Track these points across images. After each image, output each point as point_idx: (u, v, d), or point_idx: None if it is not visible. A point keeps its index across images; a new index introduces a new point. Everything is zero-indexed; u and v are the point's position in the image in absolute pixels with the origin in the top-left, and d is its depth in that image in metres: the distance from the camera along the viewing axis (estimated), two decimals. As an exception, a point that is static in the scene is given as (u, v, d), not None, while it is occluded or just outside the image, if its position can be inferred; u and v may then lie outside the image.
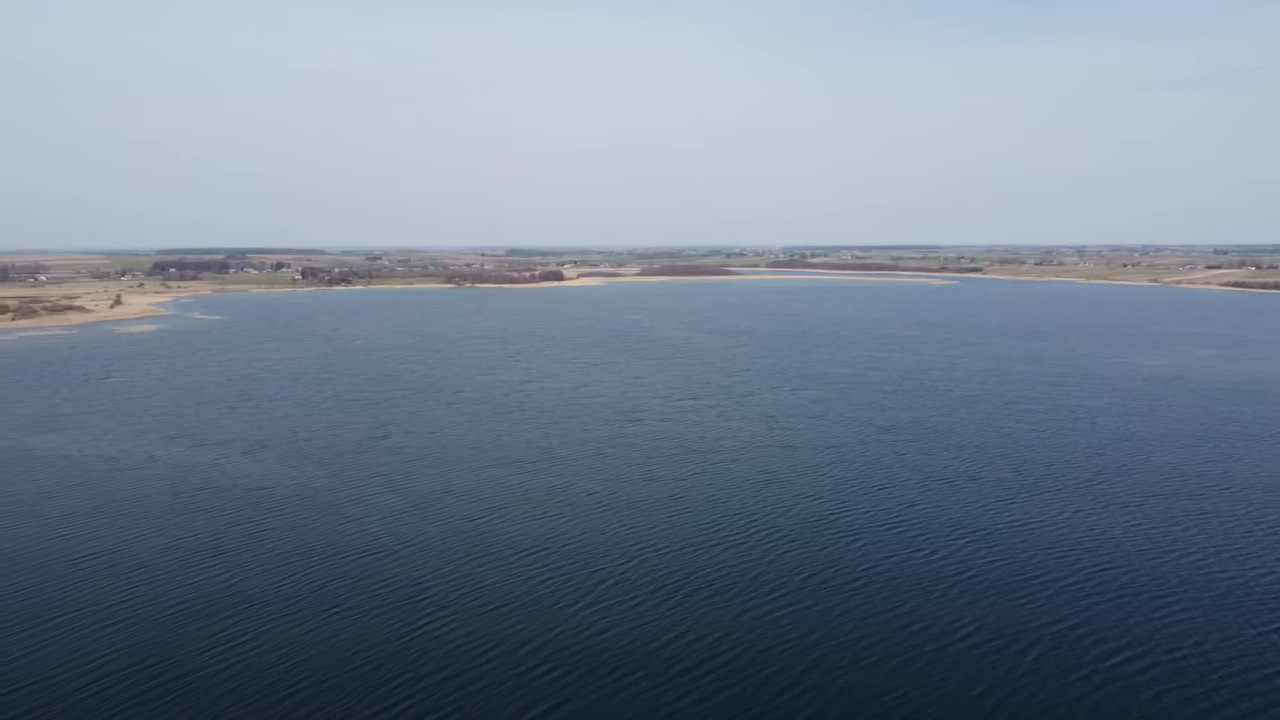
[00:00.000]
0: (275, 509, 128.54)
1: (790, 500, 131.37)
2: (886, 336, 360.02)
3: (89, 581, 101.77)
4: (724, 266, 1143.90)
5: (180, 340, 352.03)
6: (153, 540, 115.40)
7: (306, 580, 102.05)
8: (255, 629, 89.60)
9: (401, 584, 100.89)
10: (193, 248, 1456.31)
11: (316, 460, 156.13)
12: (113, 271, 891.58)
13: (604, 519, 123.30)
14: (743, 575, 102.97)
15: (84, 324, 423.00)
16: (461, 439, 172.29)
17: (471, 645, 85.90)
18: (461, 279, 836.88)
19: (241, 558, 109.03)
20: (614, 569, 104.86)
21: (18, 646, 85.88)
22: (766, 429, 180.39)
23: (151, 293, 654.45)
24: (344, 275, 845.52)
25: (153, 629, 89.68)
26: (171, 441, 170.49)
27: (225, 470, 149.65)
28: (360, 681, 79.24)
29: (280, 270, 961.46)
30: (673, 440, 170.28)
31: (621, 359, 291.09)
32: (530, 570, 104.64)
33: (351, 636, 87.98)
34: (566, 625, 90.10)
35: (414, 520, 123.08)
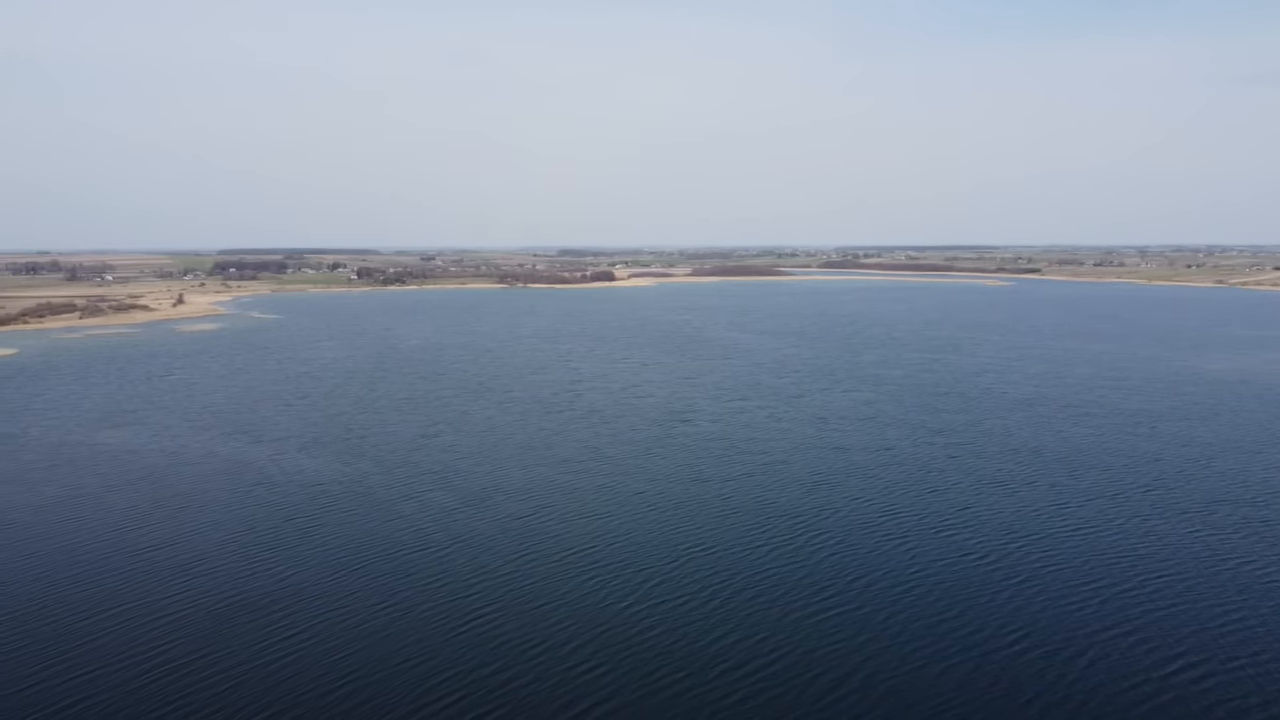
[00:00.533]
0: (329, 505, 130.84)
1: (840, 502, 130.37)
2: (940, 338, 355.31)
3: (149, 573, 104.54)
4: (775, 267, 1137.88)
5: (239, 339, 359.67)
6: (211, 534, 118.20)
7: (359, 575, 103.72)
8: (308, 622, 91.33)
9: (451, 580, 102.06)
10: (252, 248, 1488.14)
11: (370, 457, 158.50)
12: (175, 271, 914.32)
13: (652, 519, 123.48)
14: (789, 577, 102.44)
15: (147, 322, 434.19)
16: (512, 438, 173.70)
17: (518, 642, 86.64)
18: (513, 279, 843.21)
19: (296, 552, 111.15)
20: (661, 568, 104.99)
21: (83, 633, 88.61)
22: (817, 431, 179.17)
23: (212, 292, 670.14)
24: (398, 275, 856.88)
25: (210, 620, 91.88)
26: (230, 438, 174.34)
27: (282, 466, 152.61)
28: (409, 676, 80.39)
29: (336, 270, 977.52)
30: (722, 441, 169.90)
31: (671, 359, 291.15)
32: (578, 568, 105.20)
33: (401, 631, 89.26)
34: (612, 624, 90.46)
35: (464, 518, 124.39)
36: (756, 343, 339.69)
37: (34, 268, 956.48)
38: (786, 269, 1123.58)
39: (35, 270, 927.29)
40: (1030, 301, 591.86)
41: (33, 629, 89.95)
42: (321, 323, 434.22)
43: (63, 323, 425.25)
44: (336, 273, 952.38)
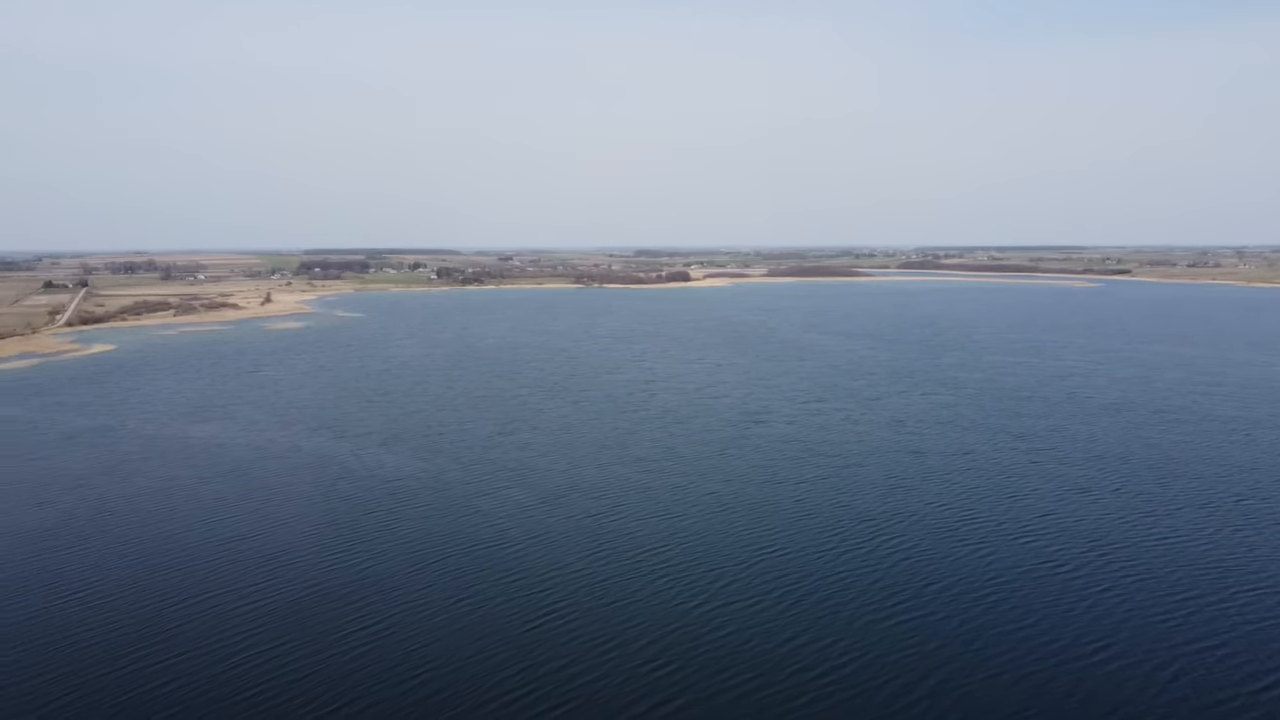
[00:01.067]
0: (408, 500, 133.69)
1: (916, 507, 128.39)
2: (1023, 340, 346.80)
3: (236, 562, 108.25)
4: (853, 268, 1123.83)
5: (323, 337, 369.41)
6: (295, 526, 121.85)
7: (436, 569, 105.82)
8: (386, 614, 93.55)
9: (526, 576, 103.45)
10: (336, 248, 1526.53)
11: (448, 454, 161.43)
12: (264, 271, 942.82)
13: (725, 520, 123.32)
14: (862, 581, 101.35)
15: (237, 320, 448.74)
16: (587, 436, 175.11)
17: (591, 640, 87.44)
18: (589, 279, 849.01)
19: (376, 546, 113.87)
20: (732, 570, 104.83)
21: (174, 619, 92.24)
22: (893, 434, 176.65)
23: (298, 291, 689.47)
24: (476, 275, 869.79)
25: (291, 609, 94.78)
26: (314, 433, 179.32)
27: (363, 461, 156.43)
28: (483, 670, 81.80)
29: (417, 270, 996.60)
30: (797, 443, 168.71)
31: (746, 360, 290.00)
32: (651, 568, 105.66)
33: (476, 626, 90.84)
34: (683, 624, 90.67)
35: (540, 515, 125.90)
36: (832, 344, 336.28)
37: (131, 267, 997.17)
38: (864, 269, 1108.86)
39: (132, 270, 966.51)
40: (1119, 303, 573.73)
41: (128, 613, 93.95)
42: (402, 321, 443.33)
43: (158, 320, 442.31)
44: (417, 272, 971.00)
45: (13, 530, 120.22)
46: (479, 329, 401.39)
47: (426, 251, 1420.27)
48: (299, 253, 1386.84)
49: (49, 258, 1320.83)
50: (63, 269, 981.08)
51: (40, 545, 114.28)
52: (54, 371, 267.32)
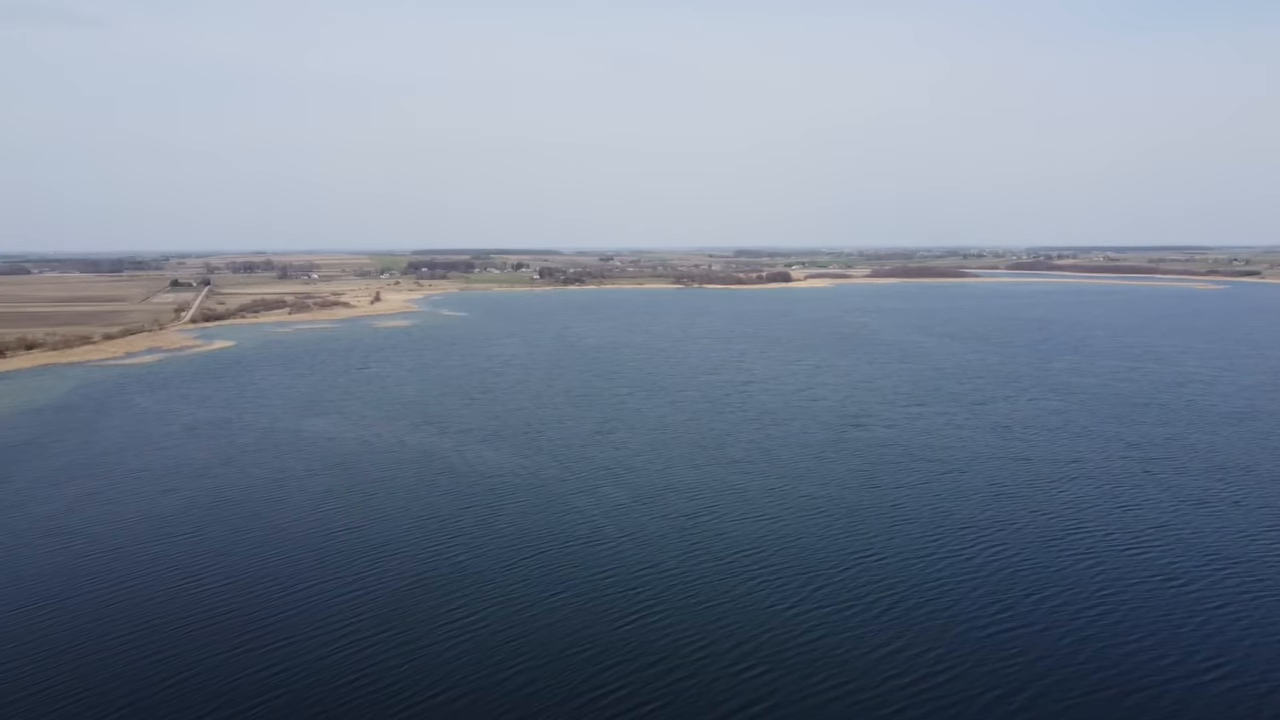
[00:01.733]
0: (507, 495, 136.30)
1: (1022, 515, 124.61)
2: (1140, 345, 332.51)
3: (342, 553, 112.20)
4: (960, 269, 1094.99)
5: (428, 335, 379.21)
6: (398, 518, 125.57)
7: (533, 565, 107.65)
8: (483, 607, 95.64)
9: (621, 574, 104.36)
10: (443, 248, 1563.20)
11: (547, 451, 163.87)
12: (373, 270, 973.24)
13: (821, 523, 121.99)
14: (962, 590, 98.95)
15: (348, 318, 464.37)
16: (683, 437, 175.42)
17: (681, 640, 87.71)
18: (689, 279, 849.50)
19: (475, 540, 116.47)
20: (829, 574, 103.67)
21: (281, 606, 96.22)
22: (999, 440, 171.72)
23: (406, 290, 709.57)
24: (578, 275, 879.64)
25: (392, 599, 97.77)
26: (418, 428, 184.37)
27: (464, 457, 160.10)
28: (577, 666, 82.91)
29: (520, 270, 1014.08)
30: (897, 447, 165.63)
31: (847, 362, 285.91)
32: (743, 570, 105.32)
33: (570, 622, 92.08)
34: (777, 627, 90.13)
35: (636, 514, 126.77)
36: (937, 347, 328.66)
37: (250, 266, 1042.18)
38: (972, 271, 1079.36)
39: (252, 269, 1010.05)
40: (1246, 307, 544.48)
41: (239, 599, 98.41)
42: (504, 321, 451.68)
43: (274, 318, 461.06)
44: (520, 272, 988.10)
45: (142, 515, 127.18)
46: (579, 328, 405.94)
47: (529, 252, 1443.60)
48: (407, 253, 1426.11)
49: (176, 257, 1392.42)
50: (188, 268, 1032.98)
51: (163, 530, 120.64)
52: (179, 366, 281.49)
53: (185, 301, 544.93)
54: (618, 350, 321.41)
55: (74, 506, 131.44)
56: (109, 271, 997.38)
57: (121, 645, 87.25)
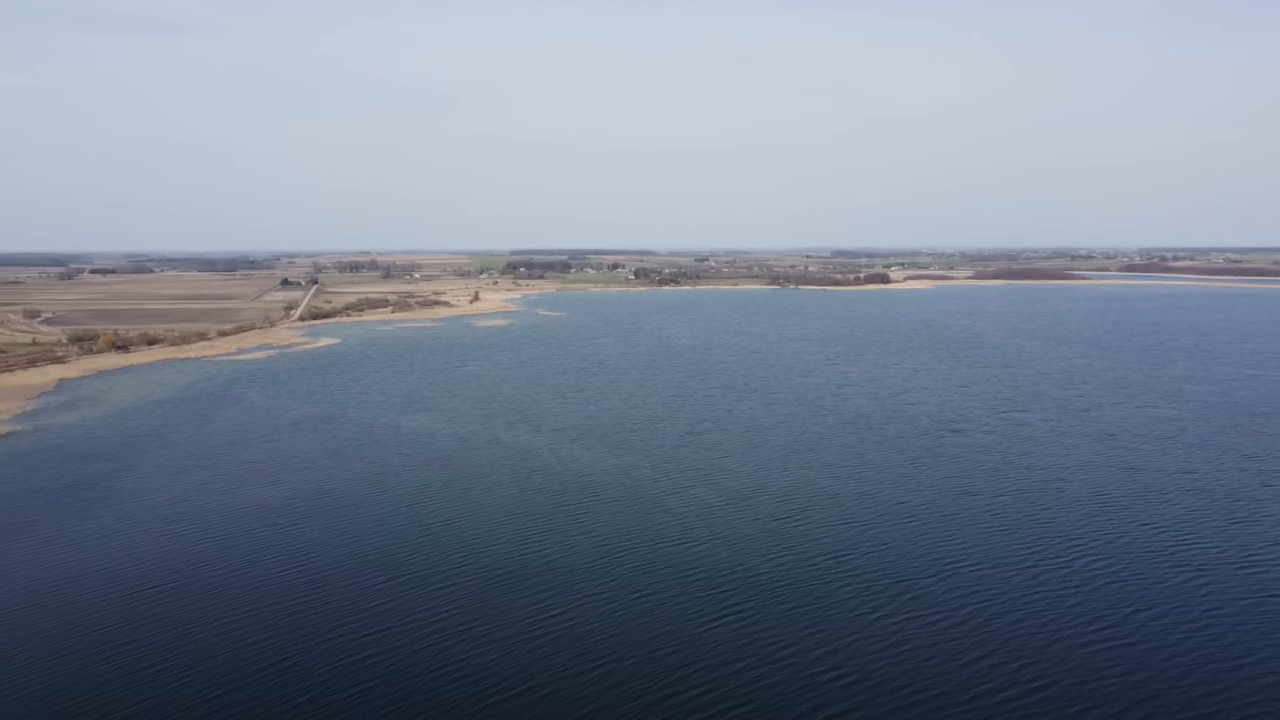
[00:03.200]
0: (598, 494, 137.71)
1: (1126, 528, 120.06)
2: (1263, 351, 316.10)
3: (437, 546, 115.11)
4: (1068, 270, 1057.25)
5: (525, 334, 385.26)
6: (492, 513, 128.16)
7: (622, 563, 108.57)
8: (571, 602, 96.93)
9: (709, 575, 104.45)
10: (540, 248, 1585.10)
11: (639, 451, 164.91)
12: (473, 270, 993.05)
13: (914, 530, 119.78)
14: (1062, 603, 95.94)
15: (448, 317, 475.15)
16: (775, 439, 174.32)
17: (769, 642, 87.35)
18: (785, 280, 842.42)
19: (567, 536, 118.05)
20: (919, 581, 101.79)
21: (377, 596, 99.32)
22: (1105, 448, 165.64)
23: (504, 290, 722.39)
24: (673, 275, 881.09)
25: (485, 593, 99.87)
26: (513, 426, 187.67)
27: (558, 455, 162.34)
28: (662, 664, 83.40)
29: (615, 270, 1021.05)
30: (996, 454, 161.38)
31: (946, 366, 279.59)
32: (834, 575, 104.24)
33: (658, 621, 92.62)
34: (865, 633, 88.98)
35: (726, 515, 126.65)
36: (1042, 351, 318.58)
37: (356, 266, 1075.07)
38: (1080, 272, 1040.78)
39: (357, 268, 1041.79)
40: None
41: (338, 588, 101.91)
42: (599, 320, 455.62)
43: (378, 316, 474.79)
44: (615, 273, 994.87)
45: (250, 505, 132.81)
46: (673, 329, 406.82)
47: (625, 252, 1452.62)
48: (506, 253, 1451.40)
49: (286, 257, 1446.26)
50: (297, 267, 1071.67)
51: (269, 520, 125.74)
52: (287, 362, 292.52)
53: (294, 300, 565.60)
54: (711, 351, 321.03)
55: (188, 495, 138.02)
56: (224, 270, 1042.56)
57: (232, 627, 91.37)
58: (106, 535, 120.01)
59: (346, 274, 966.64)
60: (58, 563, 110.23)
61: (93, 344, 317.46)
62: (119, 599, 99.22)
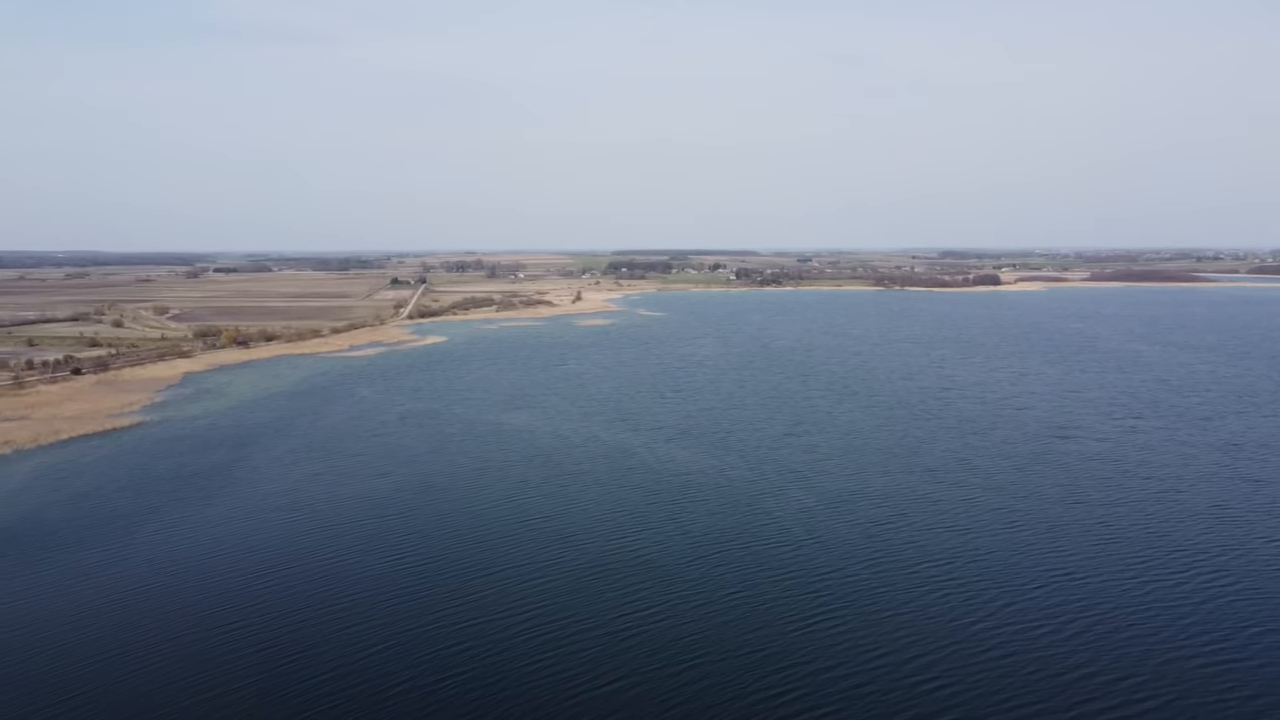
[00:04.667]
0: (695, 493, 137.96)
1: (1249, 542, 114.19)
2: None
3: (535, 539, 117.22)
4: (1192, 272, 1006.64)
5: (625, 334, 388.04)
6: (589, 509, 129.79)
7: (717, 562, 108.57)
8: (664, 601, 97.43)
9: (805, 578, 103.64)
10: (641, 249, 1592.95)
11: (736, 451, 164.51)
12: (575, 270, 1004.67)
13: (1018, 538, 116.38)
14: (1174, 618, 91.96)
15: (550, 317, 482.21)
16: (875, 442, 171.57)
17: (863, 645, 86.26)
18: (890, 281, 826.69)
19: (662, 534, 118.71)
20: (1023, 591, 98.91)
21: (476, 587, 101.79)
22: (1227, 459, 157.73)
23: (606, 290, 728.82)
24: (774, 276, 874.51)
25: (579, 587, 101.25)
26: (611, 424, 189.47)
27: (655, 453, 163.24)
28: (754, 664, 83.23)
29: (716, 271, 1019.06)
30: (1108, 462, 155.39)
31: (1056, 370, 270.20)
32: (932, 580, 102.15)
33: (752, 620, 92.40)
34: (965, 642, 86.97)
35: (822, 517, 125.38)
36: (1160, 356, 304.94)
37: (462, 266, 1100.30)
38: (1206, 274, 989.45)
39: (463, 268, 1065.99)
40: None
41: (439, 579, 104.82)
42: (699, 321, 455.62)
43: (483, 315, 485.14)
44: (716, 273, 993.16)
45: (358, 496, 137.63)
46: (774, 330, 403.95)
47: (727, 253, 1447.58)
48: (608, 253, 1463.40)
49: (396, 257, 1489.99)
50: (407, 267, 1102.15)
51: (376, 511, 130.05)
52: (396, 359, 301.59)
53: (403, 299, 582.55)
54: (811, 352, 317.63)
55: (301, 485, 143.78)
56: (337, 270, 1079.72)
57: (337, 614, 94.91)
58: (224, 522, 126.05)
59: (453, 274, 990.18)
60: (180, 546, 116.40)
61: (215, 339, 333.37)
62: (233, 583, 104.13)
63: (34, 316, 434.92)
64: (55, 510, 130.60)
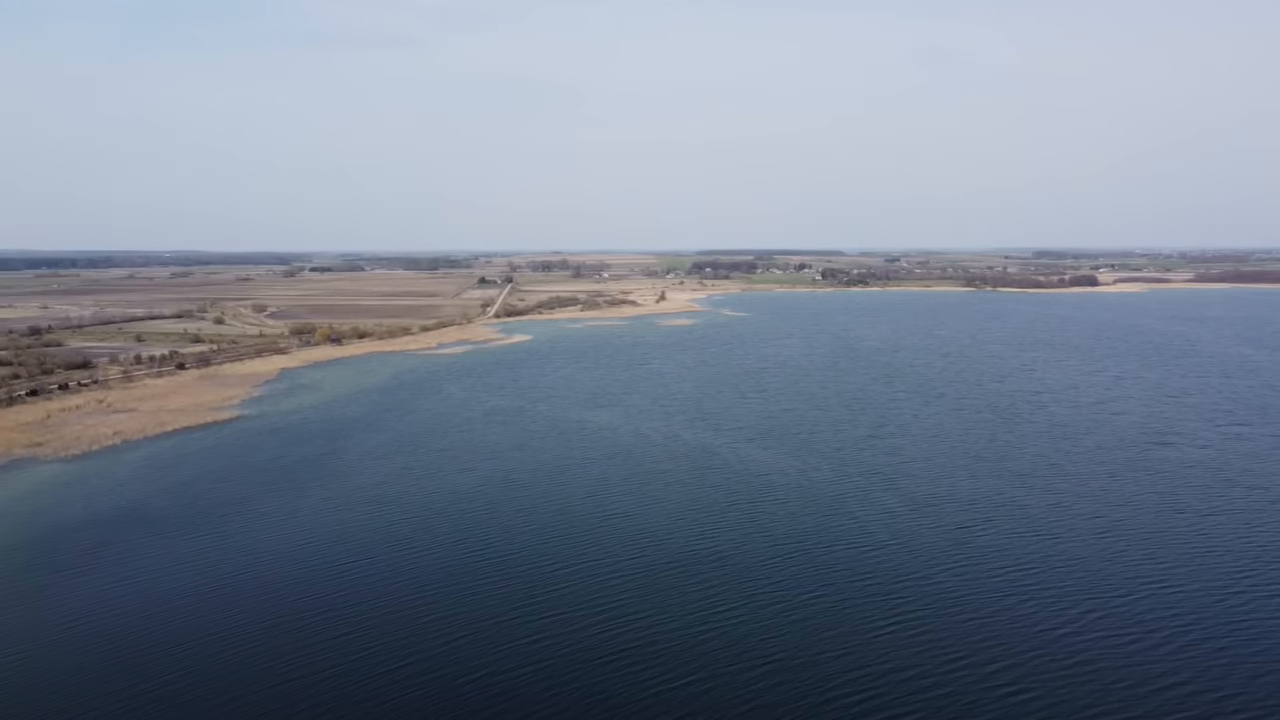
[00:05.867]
0: (774, 492, 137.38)
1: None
2: None
3: (614, 536, 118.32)
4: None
5: (708, 334, 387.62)
6: (668, 507, 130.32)
7: (795, 562, 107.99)
8: (741, 599, 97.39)
9: (885, 580, 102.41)
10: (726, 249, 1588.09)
11: (818, 453, 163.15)
12: (659, 270, 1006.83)
13: (1110, 546, 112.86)
14: (1273, 631, 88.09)
15: (634, 316, 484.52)
16: (962, 446, 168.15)
17: (944, 651, 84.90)
18: (981, 282, 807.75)
19: (741, 534, 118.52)
20: (1115, 600, 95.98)
21: (558, 581, 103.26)
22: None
23: (689, 290, 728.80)
24: (861, 277, 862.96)
25: (656, 584, 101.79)
26: (692, 424, 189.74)
27: (735, 452, 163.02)
28: (833, 667, 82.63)
29: (802, 271, 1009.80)
30: (1209, 469, 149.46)
31: (1155, 374, 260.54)
32: (1018, 587, 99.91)
33: (829, 621, 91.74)
34: (1049, 649, 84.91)
35: (906, 521, 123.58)
36: (1270, 360, 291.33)
37: (548, 265, 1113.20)
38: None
39: (549, 268, 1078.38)
40: None
41: (521, 573, 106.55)
42: (784, 321, 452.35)
43: (567, 314, 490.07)
44: (802, 273, 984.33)
45: (443, 490, 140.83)
46: (859, 331, 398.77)
47: (812, 253, 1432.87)
48: (692, 253, 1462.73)
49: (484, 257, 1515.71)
50: (494, 266, 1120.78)
51: (460, 505, 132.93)
52: (482, 357, 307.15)
53: (490, 298, 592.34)
54: (897, 353, 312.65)
55: (389, 479, 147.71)
56: (427, 269, 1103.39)
57: (421, 605, 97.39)
58: (315, 512, 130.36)
59: (539, 273, 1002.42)
60: (274, 534, 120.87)
61: (310, 336, 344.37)
62: (323, 571, 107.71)
63: (142, 313, 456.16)
64: (160, 499, 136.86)
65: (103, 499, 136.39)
